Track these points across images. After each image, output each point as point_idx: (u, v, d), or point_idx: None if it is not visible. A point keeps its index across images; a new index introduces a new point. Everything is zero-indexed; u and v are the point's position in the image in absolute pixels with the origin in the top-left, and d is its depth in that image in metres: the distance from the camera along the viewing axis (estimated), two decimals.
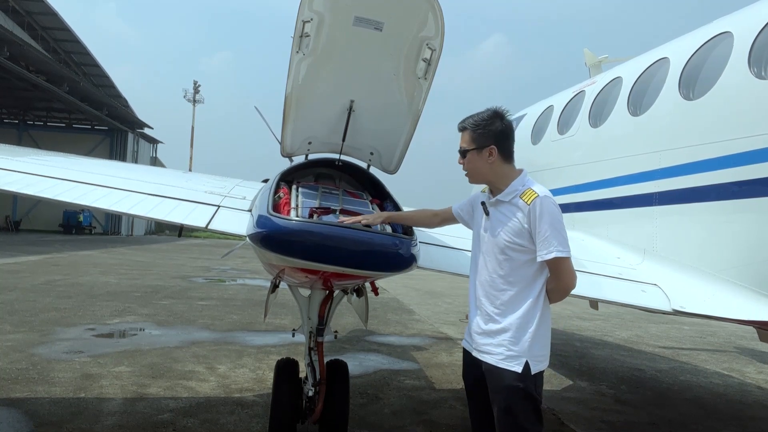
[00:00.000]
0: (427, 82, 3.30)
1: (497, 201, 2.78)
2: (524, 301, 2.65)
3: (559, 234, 2.59)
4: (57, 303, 10.20)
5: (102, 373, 5.81)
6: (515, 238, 2.66)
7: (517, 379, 2.58)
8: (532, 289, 2.67)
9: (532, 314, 2.64)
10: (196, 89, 61.06)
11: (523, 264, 2.67)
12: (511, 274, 2.69)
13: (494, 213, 2.79)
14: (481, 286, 2.80)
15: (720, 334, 11.11)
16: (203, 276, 17.20)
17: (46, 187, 3.48)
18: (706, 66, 4.68)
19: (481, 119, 2.80)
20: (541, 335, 2.65)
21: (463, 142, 2.84)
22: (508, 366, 2.61)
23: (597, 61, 8.70)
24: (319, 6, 2.97)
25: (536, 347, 2.63)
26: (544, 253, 2.59)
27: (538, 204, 2.60)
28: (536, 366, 2.63)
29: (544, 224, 2.59)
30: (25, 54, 32.09)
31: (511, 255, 2.68)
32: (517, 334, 2.62)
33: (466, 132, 2.82)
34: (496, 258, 2.73)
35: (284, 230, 2.70)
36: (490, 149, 2.76)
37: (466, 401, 3.04)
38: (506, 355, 2.62)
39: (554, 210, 2.63)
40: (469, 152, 2.81)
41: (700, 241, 4.34)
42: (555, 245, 2.57)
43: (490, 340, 2.69)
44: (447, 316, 11.78)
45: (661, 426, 5.34)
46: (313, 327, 3.92)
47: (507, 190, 2.74)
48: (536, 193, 2.64)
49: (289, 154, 4.04)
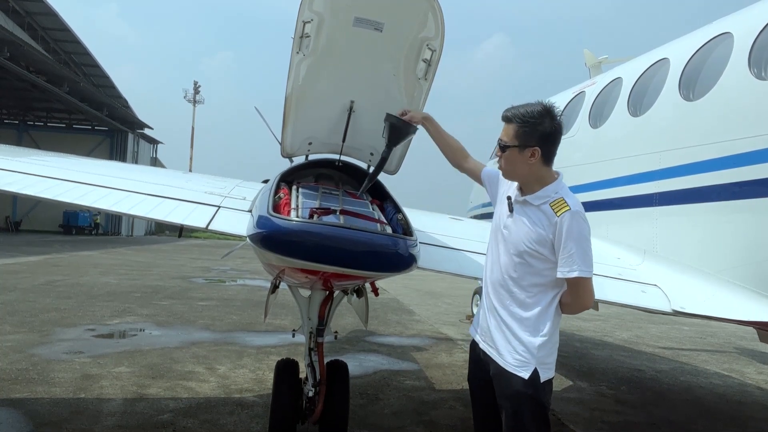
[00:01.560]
0: (427, 83, 3.30)
1: (525, 201, 2.61)
2: (537, 306, 2.54)
3: (584, 253, 2.46)
4: (57, 303, 10.20)
5: (102, 374, 5.81)
6: (536, 245, 2.52)
7: (525, 386, 2.50)
8: (546, 295, 2.55)
9: (544, 320, 2.53)
10: (196, 90, 61.12)
11: (539, 271, 2.54)
12: (524, 278, 2.56)
13: (519, 212, 2.62)
14: (493, 285, 2.68)
15: (720, 335, 11.11)
16: (203, 276, 17.20)
17: (46, 187, 3.48)
18: (707, 67, 4.69)
19: (530, 114, 2.57)
20: (551, 343, 2.55)
21: (506, 136, 2.60)
22: (516, 371, 2.52)
23: (597, 62, 8.71)
24: (319, 6, 2.97)
25: (545, 354, 2.53)
26: (566, 270, 2.46)
27: (567, 219, 2.45)
28: (545, 373, 2.53)
29: (570, 241, 2.44)
30: (25, 54, 32.10)
31: (528, 260, 2.55)
32: (528, 339, 2.52)
33: (511, 125, 2.59)
34: (511, 259, 2.60)
35: (284, 231, 2.70)
36: (533, 150, 2.55)
37: (466, 402, 3.03)
38: (515, 359, 2.53)
39: (583, 227, 2.48)
40: (510, 148, 2.59)
41: (700, 241, 4.34)
42: (579, 264, 2.44)
43: (498, 341, 2.61)
44: (447, 316, 11.77)
45: (661, 426, 5.34)
46: (313, 327, 3.92)
47: (539, 194, 2.57)
48: (568, 206, 2.47)
49: (290, 155, 4.04)
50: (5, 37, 28.83)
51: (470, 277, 3.91)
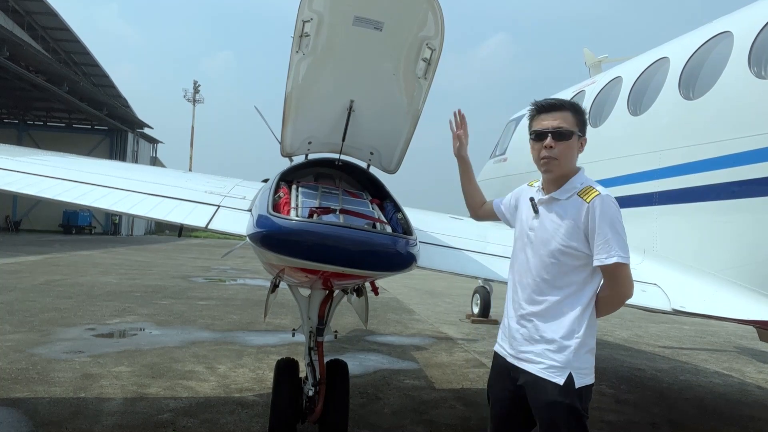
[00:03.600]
0: (427, 82, 3.30)
1: (551, 199, 2.52)
2: (571, 308, 2.42)
3: (620, 238, 2.36)
4: (57, 303, 10.20)
5: (102, 373, 5.81)
6: (569, 241, 2.42)
7: (560, 393, 2.35)
8: (581, 296, 2.44)
9: (579, 323, 2.40)
10: (196, 89, 61.13)
11: (573, 269, 2.44)
12: (558, 279, 2.45)
13: (546, 212, 2.53)
14: (522, 289, 2.55)
15: (720, 334, 11.11)
16: (203, 276, 17.20)
17: (46, 187, 3.48)
18: (706, 66, 4.69)
19: (577, 105, 2.54)
20: (587, 346, 2.42)
21: (566, 122, 2.48)
22: (550, 377, 2.38)
23: (597, 61, 8.71)
24: (318, 6, 2.97)
25: (581, 359, 2.39)
26: (603, 257, 2.34)
27: (599, 203, 2.36)
28: (581, 380, 2.38)
29: (604, 226, 2.34)
30: (25, 54, 32.09)
31: (561, 259, 2.44)
32: (562, 343, 2.39)
33: (566, 112, 2.50)
34: (542, 261, 2.48)
35: (284, 230, 2.70)
36: (584, 140, 2.54)
37: (466, 401, 3.01)
38: (548, 365, 2.39)
39: (616, 211, 2.39)
40: (573, 135, 2.49)
41: (700, 240, 4.34)
42: (616, 249, 2.33)
43: (531, 348, 2.45)
44: (447, 315, 11.78)
45: (661, 426, 5.34)
46: (313, 327, 3.92)
47: (565, 187, 2.49)
48: (597, 191, 2.40)
49: (289, 154, 4.05)
50: (5, 36, 28.81)
51: (470, 276, 3.91)
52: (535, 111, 2.58)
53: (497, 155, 9.07)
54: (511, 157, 8.36)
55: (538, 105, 2.57)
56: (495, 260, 3.81)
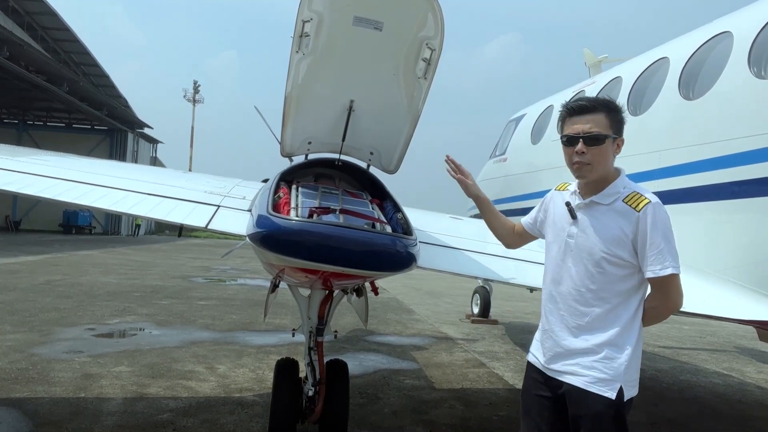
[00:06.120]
0: (426, 82, 3.30)
1: (592, 203, 2.37)
2: (619, 318, 2.30)
3: (672, 247, 2.25)
4: (57, 303, 10.20)
5: (102, 373, 5.81)
6: (615, 249, 2.28)
7: (611, 406, 2.24)
8: (628, 306, 2.32)
9: (629, 334, 2.30)
10: (195, 89, 61.11)
11: (619, 279, 2.31)
12: (604, 289, 2.31)
13: (586, 217, 2.38)
14: (563, 299, 2.40)
15: (720, 334, 11.11)
16: (203, 276, 17.20)
17: (45, 186, 3.48)
18: (706, 66, 4.69)
19: (614, 103, 2.39)
20: (636, 358, 2.33)
21: (598, 126, 2.32)
22: (600, 391, 2.25)
23: (597, 61, 8.72)
24: (318, 6, 2.97)
25: (631, 371, 2.31)
26: (657, 268, 2.23)
27: (651, 212, 2.24)
28: (630, 392, 2.31)
29: (657, 236, 2.23)
30: (25, 54, 32.07)
31: (607, 268, 2.30)
32: (612, 355, 2.28)
33: (599, 114, 2.34)
34: (587, 270, 2.33)
35: (284, 230, 2.70)
36: (620, 141, 2.38)
37: (466, 401, 3.00)
38: (598, 378, 2.26)
39: (667, 219, 2.28)
40: (607, 139, 2.33)
41: (700, 240, 4.34)
42: (670, 260, 2.22)
43: (575, 360, 2.33)
44: (447, 315, 11.77)
45: (661, 426, 5.34)
46: (313, 327, 3.92)
47: (607, 191, 2.35)
48: (647, 199, 2.26)
49: (289, 154, 4.05)
50: (5, 36, 28.80)
51: (470, 276, 3.91)
52: (566, 113, 2.43)
53: (497, 155, 9.07)
54: (511, 157, 8.36)
55: (568, 107, 2.43)
56: (495, 260, 3.81)
